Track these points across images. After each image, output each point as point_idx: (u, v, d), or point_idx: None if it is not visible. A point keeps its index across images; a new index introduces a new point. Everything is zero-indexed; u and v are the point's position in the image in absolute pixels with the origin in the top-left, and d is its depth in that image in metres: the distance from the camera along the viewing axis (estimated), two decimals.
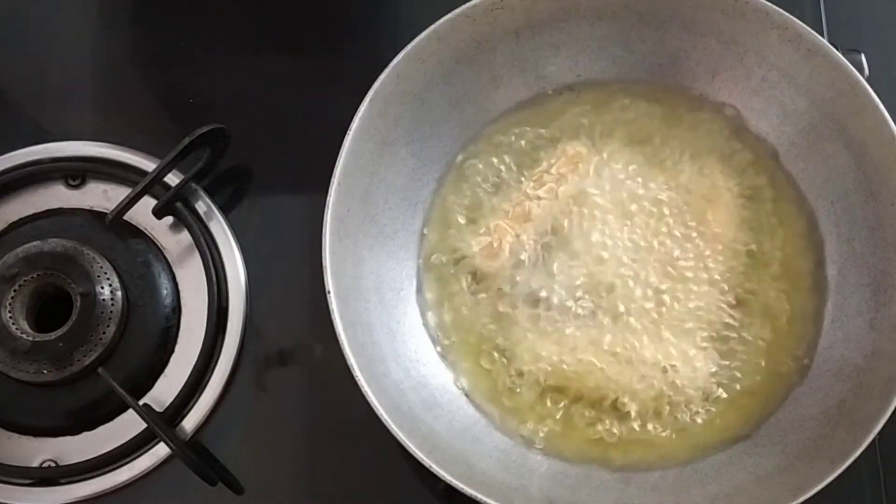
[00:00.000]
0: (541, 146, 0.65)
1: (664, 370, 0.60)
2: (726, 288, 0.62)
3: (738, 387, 0.60)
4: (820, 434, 0.57)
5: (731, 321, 0.61)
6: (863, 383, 0.57)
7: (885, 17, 0.73)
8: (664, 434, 0.60)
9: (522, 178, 0.64)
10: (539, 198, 0.63)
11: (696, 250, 0.62)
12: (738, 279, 0.62)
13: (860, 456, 0.52)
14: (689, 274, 0.62)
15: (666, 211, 0.63)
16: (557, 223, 0.63)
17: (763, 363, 0.61)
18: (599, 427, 0.60)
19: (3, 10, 0.74)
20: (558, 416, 0.60)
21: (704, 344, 0.61)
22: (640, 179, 0.63)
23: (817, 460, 0.54)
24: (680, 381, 0.60)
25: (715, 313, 0.61)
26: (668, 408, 0.60)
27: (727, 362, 0.61)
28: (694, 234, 0.62)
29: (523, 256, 0.62)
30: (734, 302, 0.62)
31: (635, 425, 0.60)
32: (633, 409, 0.60)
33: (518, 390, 0.61)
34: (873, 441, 0.52)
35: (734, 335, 0.61)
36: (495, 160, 0.65)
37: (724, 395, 0.60)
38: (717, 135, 0.65)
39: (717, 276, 0.62)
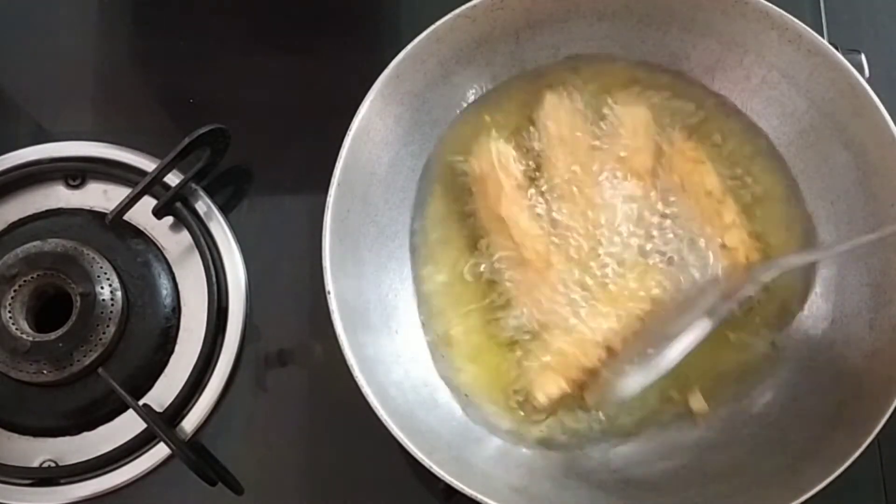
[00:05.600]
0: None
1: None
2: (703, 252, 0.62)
3: None
4: (820, 434, 0.57)
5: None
6: (863, 383, 0.57)
7: (885, 17, 0.73)
8: (666, 433, 0.60)
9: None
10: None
11: (697, 253, 0.62)
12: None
13: (860, 456, 0.52)
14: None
15: (666, 210, 0.63)
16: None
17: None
18: (597, 426, 0.60)
19: (2, 9, 0.74)
20: (559, 415, 0.60)
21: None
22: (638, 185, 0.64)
23: (817, 460, 0.54)
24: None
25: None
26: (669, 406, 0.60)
27: None
28: (693, 238, 0.62)
29: None
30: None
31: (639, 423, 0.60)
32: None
33: (520, 389, 0.61)
34: (873, 441, 0.52)
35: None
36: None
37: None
38: (714, 140, 0.65)
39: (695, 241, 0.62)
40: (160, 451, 0.63)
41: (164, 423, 0.62)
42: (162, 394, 0.64)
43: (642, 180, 0.62)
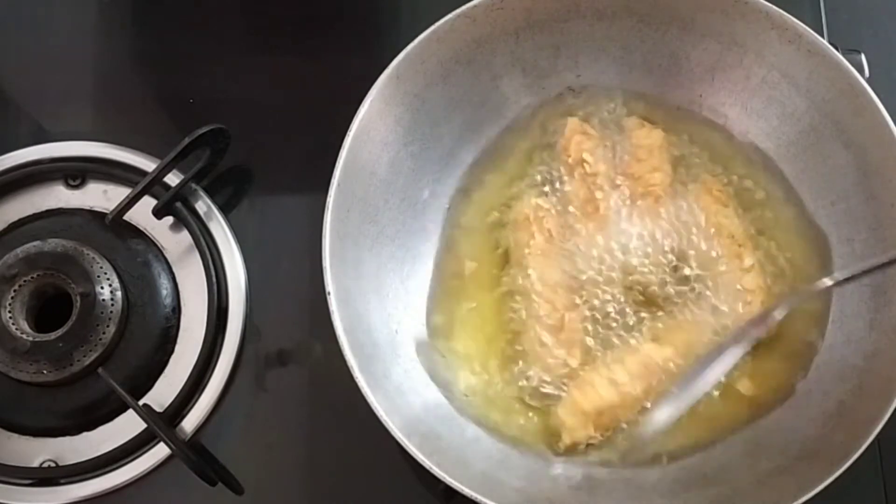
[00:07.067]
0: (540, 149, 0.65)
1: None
2: (727, 289, 0.62)
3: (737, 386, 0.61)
4: (820, 434, 0.57)
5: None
6: (863, 384, 0.57)
7: (885, 17, 0.73)
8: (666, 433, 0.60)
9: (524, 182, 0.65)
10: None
11: (698, 253, 0.62)
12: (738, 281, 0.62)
13: (860, 457, 0.52)
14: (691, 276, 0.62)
15: (664, 214, 0.63)
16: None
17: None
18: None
19: (2, 9, 0.74)
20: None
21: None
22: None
23: (817, 461, 0.54)
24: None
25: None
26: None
27: None
28: (694, 238, 0.62)
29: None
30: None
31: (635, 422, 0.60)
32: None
33: (520, 389, 0.61)
34: (873, 442, 0.52)
35: None
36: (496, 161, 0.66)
37: (717, 395, 0.60)
38: (713, 142, 0.65)
39: (717, 279, 0.62)
40: (160, 451, 0.63)
41: (164, 423, 0.62)
42: (162, 394, 0.64)
43: (659, 202, 0.62)
